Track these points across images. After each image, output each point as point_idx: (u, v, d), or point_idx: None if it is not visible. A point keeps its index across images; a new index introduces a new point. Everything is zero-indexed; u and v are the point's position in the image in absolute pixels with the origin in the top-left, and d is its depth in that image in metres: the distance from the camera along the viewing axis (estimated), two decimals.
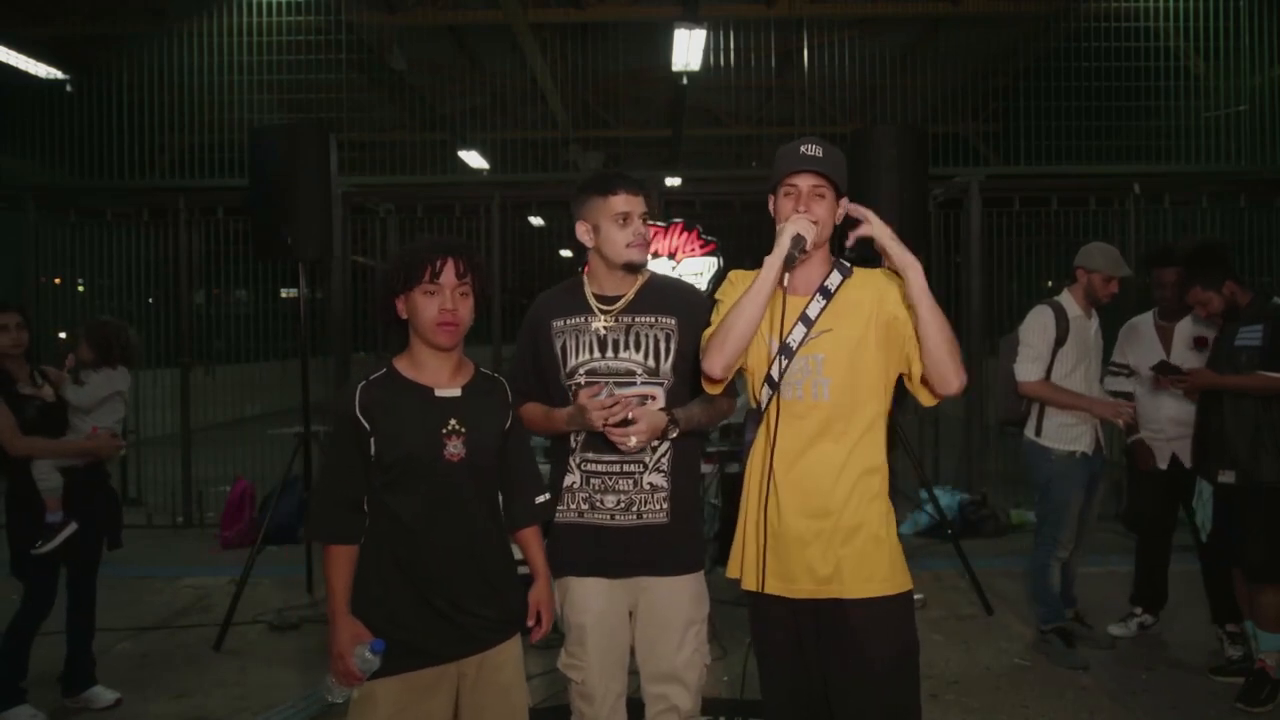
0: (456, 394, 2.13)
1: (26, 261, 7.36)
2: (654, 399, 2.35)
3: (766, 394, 2.16)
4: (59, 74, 8.70)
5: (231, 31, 7.70)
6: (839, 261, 2.23)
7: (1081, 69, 7.70)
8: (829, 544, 2.10)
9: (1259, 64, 7.58)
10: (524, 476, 2.29)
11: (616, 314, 2.40)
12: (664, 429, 2.29)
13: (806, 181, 2.14)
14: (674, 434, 2.32)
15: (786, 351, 2.14)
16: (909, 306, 2.09)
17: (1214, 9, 7.55)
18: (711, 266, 5.72)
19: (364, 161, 9.60)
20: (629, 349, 2.38)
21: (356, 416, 2.06)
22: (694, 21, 8.32)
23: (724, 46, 8.99)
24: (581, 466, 2.40)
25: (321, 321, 7.25)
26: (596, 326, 2.40)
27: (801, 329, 2.14)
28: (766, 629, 2.24)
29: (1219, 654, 3.99)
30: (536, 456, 2.46)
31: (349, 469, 2.09)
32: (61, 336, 7.46)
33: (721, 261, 5.71)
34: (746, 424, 2.25)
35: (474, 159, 11.38)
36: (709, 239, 5.76)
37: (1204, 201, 7.32)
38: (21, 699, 3.53)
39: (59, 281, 7.91)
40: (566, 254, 8.67)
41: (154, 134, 7.92)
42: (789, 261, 2.07)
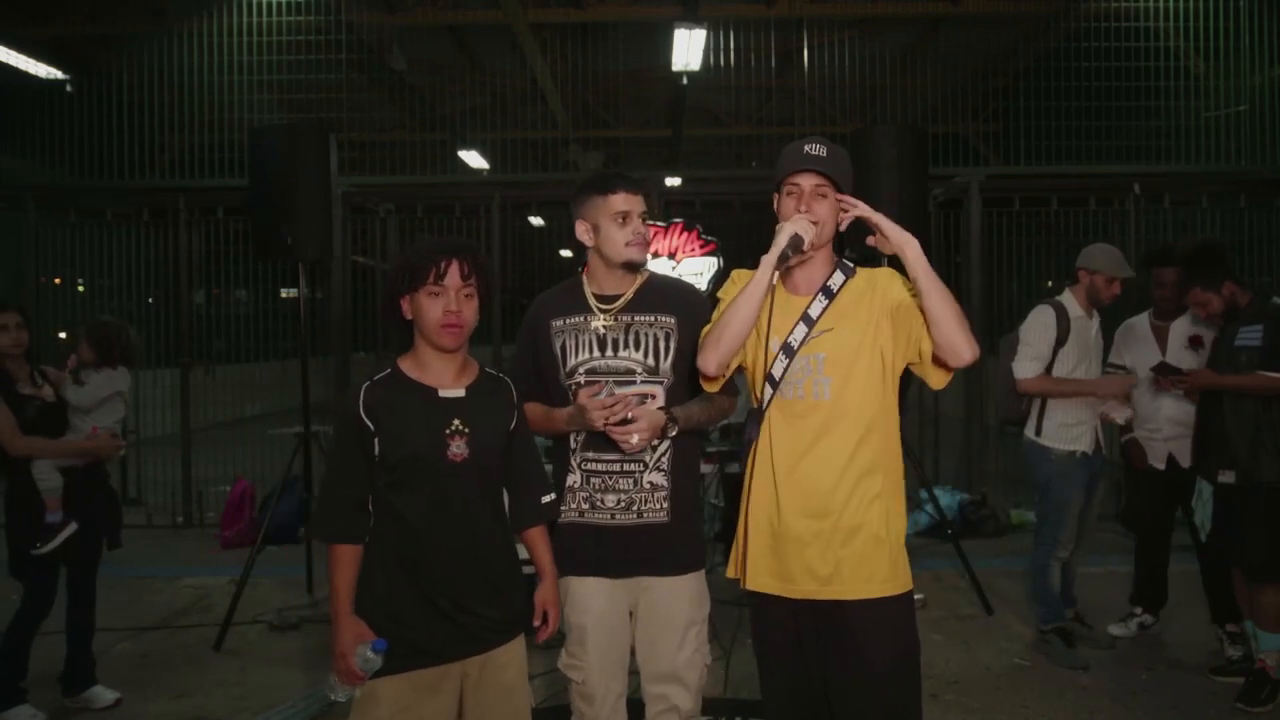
0: (460, 394, 2.13)
1: (26, 261, 7.36)
2: (653, 398, 2.35)
3: (767, 393, 2.16)
4: (59, 74, 8.69)
5: (231, 31, 7.69)
6: (842, 262, 2.23)
7: (1081, 69, 7.70)
8: (829, 544, 2.09)
9: (1259, 64, 7.58)
10: (530, 476, 2.29)
11: (616, 313, 2.40)
12: (663, 427, 2.29)
13: (809, 181, 2.13)
14: (673, 432, 2.32)
15: (787, 351, 2.14)
16: (913, 294, 2.08)
17: (1214, 9, 7.55)
18: (711, 266, 5.72)
19: (364, 161, 9.60)
20: (629, 348, 2.38)
21: (360, 417, 2.06)
22: (694, 21, 8.31)
23: (724, 46, 8.99)
24: (582, 466, 2.39)
25: (321, 321, 7.25)
26: (596, 326, 2.39)
27: (803, 328, 2.14)
28: (766, 629, 2.24)
29: (1219, 654, 3.99)
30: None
31: (353, 469, 2.09)
32: (61, 336, 7.46)
33: (721, 261, 5.70)
34: (747, 423, 2.24)
35: (474, 159, 11.37)
36: (709, 239, 5.76)
37: (1204, 201, 7.31)
38: (21, 699, 3.53)
39: (59, 281, 7.91)
40: (566, 254, 8.67)
41: (154, 134, 7.92)
42: (782, 260, 2.07)
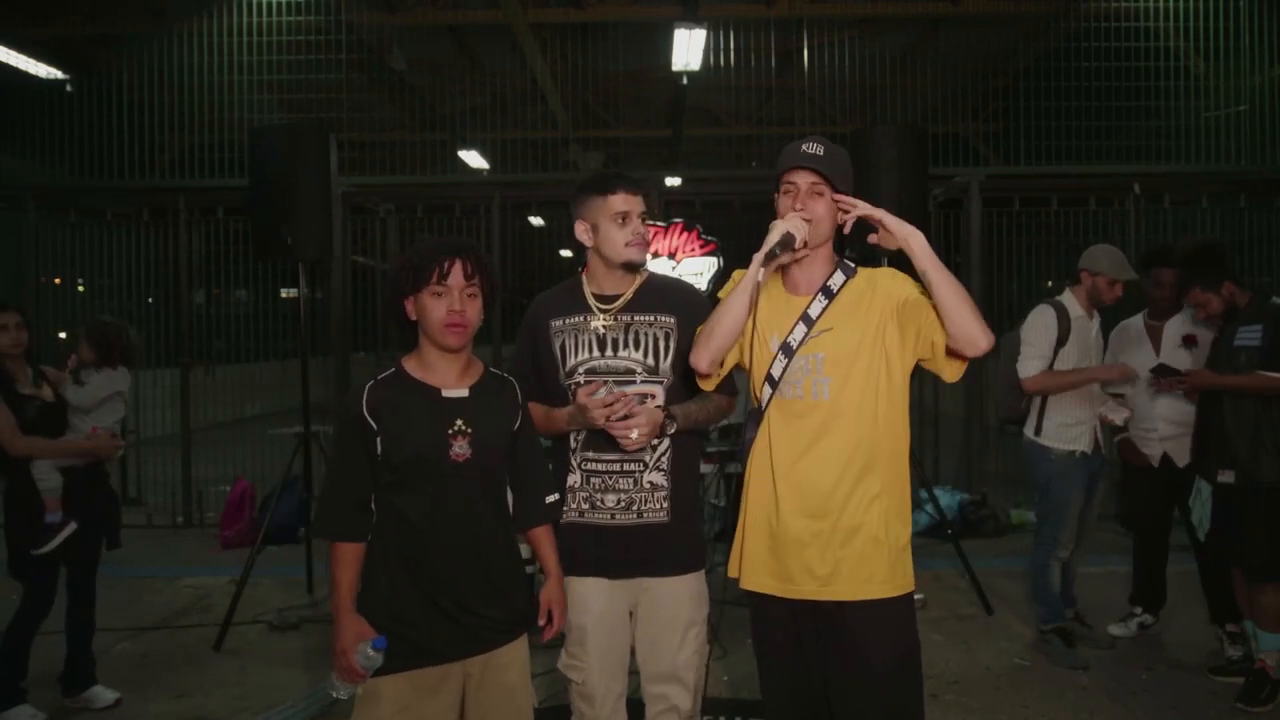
0: (464, 394, 2.13)
1: (26, 261, 7.36)
2: (653, 397, 2.35)
3: (766, 393, 2.16)
4: (59, 74, 8.70)
5: (231, 31, 7.69)
6: (843, 262, 2.22)
7: (1081, 69, 7.69)
8: (827, 545, 2.09)
9: (1259, 64, 7.58)
10: (535, 476, 2.29)
11: (615, 313, 2.40)
12: (662, 425, 2.29)
13: (805, 179, 2.13)
14: (672, 430, 2.32)
15: (786, 350, 2.14)
16: (921, 291, 2.07)
17: (1214, 9, 7.55)
18: (711, 266, 5.73)
19: (364, 161, 9.60)
20: (628, 347, 2.38)
21: (363, 416, 2.07)
22: (694, 21, 8.32)
23: (724, 46, 8.99)
24: (582, 466, 2.39)
25: (321, 321, 7.25)
26: (595, 325, 2.40)
27: (802, 328, 2.13)
28: (767, 629, 2.24)
29: (1219, 654, 3.99)
30: None
31: (355, 468, 2.10)
32: (61, 336, 7.46)
33: (721, 261, 5.71)
34: (747, 423, 2.24)
35: (474, 159, 11.37)
36: (709, 239, 5.76)
37: (1204, 201, 7.32)
38: (21, 699, 3.53)
39: (59, 281, 7.91)
40: (566, 254, 8.67)
41: (154, 134, 7.92)
42: (770, 257, 2.06)
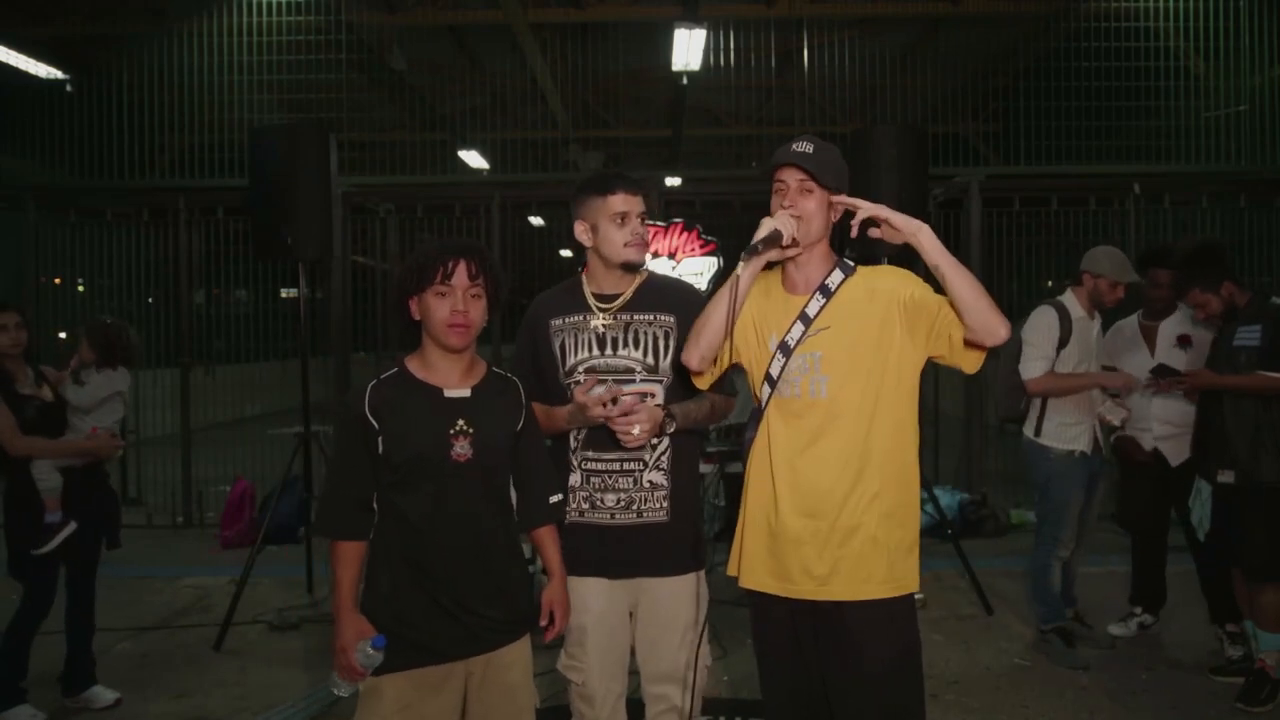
0: (466, 395, 2.14)
1: (26, 261, 7.36)
2: (652, 396, 2.36)
3: (766, 392, 2.16)
4: (59, 74, 8.70)
5: (231, 31, 7.69)
6: (842, 260, 2.22)
7: (1081, 69, 7.69)
8: (825, 544, 2.08)
9: (1259, 64, 7.58)
10: (538, 476, 2.29)
11: (615, 312, 2.40)
12: (661, 423, 2.29)
13: (793, 176, 2.13)
14: (671, 428, 2.32)
15: (784, 349, 2.14)
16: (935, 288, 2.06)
17: (1214, 9, 7.55)
18: (711, 266, 5.72)
19: (364, 161, 9.60)
20: (628, 346, 2.38)
21: (365, 415, 2.07)
22: (694, 21, 8.31)
23: (724, 46, 8.98)
24: (582, 465, 2.40)
25: (321, 321, 7.25)
26: (595, 325, 2.40)
27: (800, 327, 2.13)
28: (766, 629, 2.23)
29: (1219, 654, 3.99)
30: None
31: (356, 468, 2.10)
32: (61, 336, 7.46)
33: (721, 261, 5.71)
34: (748, 423, 2.25)
35: (474, 159, 11.37)
36: (709, 239, 5.76)
37: (1204, 201, 7.32)
38: (21, 699, 3.53)
39: (59, 281, 7.92)
40: (566, 254, 8.67)
41: (154, 134, 7.92)
42: (751, 252, 2.05)
